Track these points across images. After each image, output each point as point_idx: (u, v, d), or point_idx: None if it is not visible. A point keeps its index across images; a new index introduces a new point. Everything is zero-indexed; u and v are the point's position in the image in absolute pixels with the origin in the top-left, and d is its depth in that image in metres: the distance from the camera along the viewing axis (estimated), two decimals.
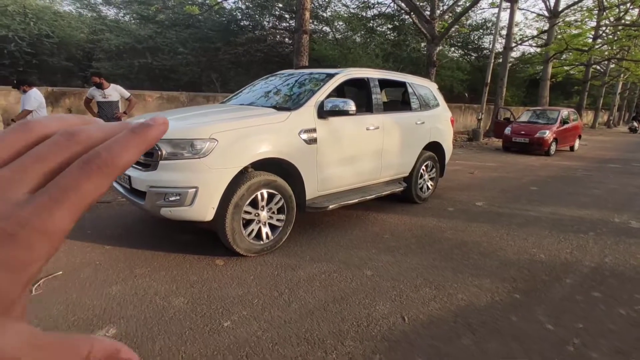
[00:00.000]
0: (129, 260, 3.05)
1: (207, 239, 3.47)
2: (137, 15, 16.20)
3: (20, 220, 0.20)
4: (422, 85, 5.09)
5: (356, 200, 3.99)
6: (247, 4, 13.78)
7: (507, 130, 11.45)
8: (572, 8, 18.20)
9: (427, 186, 5.17)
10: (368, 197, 4.15)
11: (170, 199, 2.80)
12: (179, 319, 2.28)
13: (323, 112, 3.49)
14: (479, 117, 13.82)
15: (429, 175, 5.16)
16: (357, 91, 4.90)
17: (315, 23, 17.71)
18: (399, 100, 5.20)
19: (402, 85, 4.86)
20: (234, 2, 13.97)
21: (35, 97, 5.43)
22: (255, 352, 2.01)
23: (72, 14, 18.87)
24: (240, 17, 13.76)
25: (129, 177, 2.99)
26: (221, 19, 13.25)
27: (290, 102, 3.64)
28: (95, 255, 3.13)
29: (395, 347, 2.11)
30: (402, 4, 11.46)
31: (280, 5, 14.02)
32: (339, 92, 5.27)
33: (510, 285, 2.91)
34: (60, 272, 2.81)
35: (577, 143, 12.50)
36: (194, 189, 2.77)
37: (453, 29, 17.25)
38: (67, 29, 16.30)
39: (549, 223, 4.51)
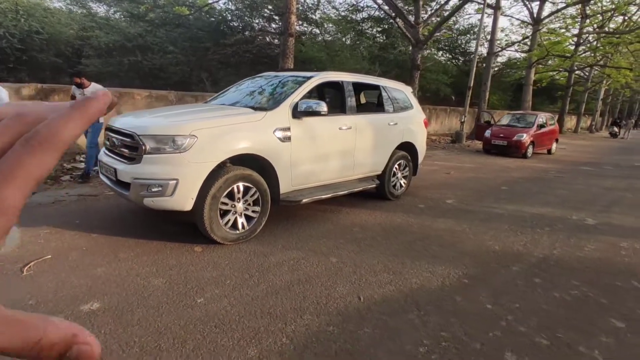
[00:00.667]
0: (113, 247, 3.29)
1: (189, 229, 3.71)
2: (127, 13, 16.31)
3: None
4: (396, 89, 5.41)
5: (329, 195, 4.28)
6: (237, 5, 14.01)
7: (487, 133, 11.87)
8: (555, 15, 18.74)
9: (400, 184, 5.49)
10: (340, 193, 4.44)
11: (153, 189, 3.06)
12: (157, 296, 2.54)
13: (297, 113, 3.78)
14: (462, 120, 14.24)
15: (402, 173, 5.48)
16: (335, 93, 5.19)
17: (304, 25, 18.02)
18: (373, 102, 5.51)
19: (376, 88, 5.17)
20: (224, 3, 14.17)
21: None
22: (223, 324, 2.28)
23: (62, 10, 18.89)
24: (230, 18, 13.99)
25: (115, 169, 3.25)
26: (211, 19, 13.47)
27: (268, 103, 3.92)
28: (83, 241, 3.37)
29: (347, 320, 2.40)
30: (387, 8, 11.79)
31: (270, 7, 14.28)
32: (320, 94, 5.57)
33: (461, 271, 3.22)
34: (49, 256, 3.04)
35: (554, 146, 12.98)
36: (175, 181, 3.03)
37: (439, 33, 17.68)
38: (57, 25, 16.33)
39: (510, 219, 4.86)
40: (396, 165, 5.28)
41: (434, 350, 2.15)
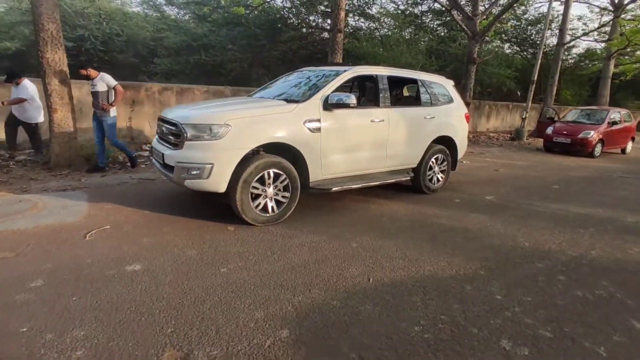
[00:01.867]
0: (160, 222, 3.76)
1: (226, 211, 4.09)
2: (194, 15, 17.51)
3: None
4: (435, 82, 5.37)
5: (360, 185, 4.43)
6: (294, 2, 14.46)
7: (549, 130, 11.12)
8: (638, 2, 16.82)
9: (437, 178, 5.46)
10: (372, 184, 4.57)
11: (192, 172, 3.45)
12: (188, 264, 2.91)
13: (328, 105, 3.97)
14: (524, 116, 13.44)
15: (440, 167, 5.45)
16: (371, 87, 5.30)
17: (361, 20, 18.02)
18: (413, 96, 5.52)
19: (414, 82, 5.19)
20: (282, 2, 14.68)
21: (29, 87, 6.05)
22: (239, 290, 2.58)
23: (140, 14, 20.76)
24: (286, 15, 14.47)
25: (163, 154, 3.70)
26: (268, 17, 14.04)
27: (300, 96, 4.16)
28: (136, 217, 3.88)
29: (352, 297, 2.57)
30: (444, 1, 11.48)
31: (326, 3, 14.53)
32: (360, 88, 5.71)
33: (480, 263, 3.23)
34: (108, 227, 3.57)
35: (629, 145, 11.80)
36: (211, 165, 3.40)
37: (500, 25, 16.73)
38: (134, 28, 18.02)
39: (551, 218, 4.65)
40: (433, 159, 5.27)
41: (429, 330, 2.26)
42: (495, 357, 2.06)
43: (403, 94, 5.96)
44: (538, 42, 23.68)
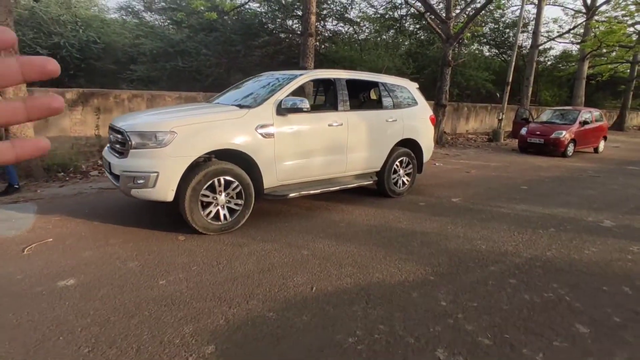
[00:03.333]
0: (108, 233, 3.63)
1: (181, 220, 3.99)
2: (171, 21, 17.36)
3: None
4: (398, 85, 5.35)
5: (319, 191, 4.37)
6: (270, 6, 14.42)
7: (523, 131, 11.24)
8: (609, 2, 17.18)
9: (403, 181, 5.43)
10: (332, 189, 4.51)
11: (138, 181, 3.34)
12: (127, 277, 2.79)
13: (282, 110, 3.91)
14: (500, 117, 13.59)
15: (405, 170, 5.42)
16: (326, 90, 5.26)
17: (340, 25, 18.07)
18: (375, 99, 5.49)
19: (375, 85, 5.16)
20: (259, 7, 14.63)
21: None
22: (173, 303, 2.47)
23: (118, 21, 20.51)
24: (262, 20, 14.43)
25: (109, 163, 3.58)
26: (244, 22, 13.97)
27: (254, 101, 4.09)
28: (84, 228, 3.75)
29: (290, 307, 2.49)
30: (418, 4, 11.55)
31: (302, 7, 14.53)
32: (321, 92, 5.66)
33: (431, 269, 3.18)
34: (50, 239, 3.43)
35: (602, 144, 11.99)
36: (156, 174, 3.29)
37: (481, 29, 16.96)
38: (112, 35, 17.77)
39: (514, 219, 4.64)
40: (397, 162, 5.24)
41: (363, 341, 2.19)
42: None
43: (366, 97, 5.94)
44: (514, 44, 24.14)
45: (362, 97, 5.58)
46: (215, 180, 3.56)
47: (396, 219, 4.43)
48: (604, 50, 20.05)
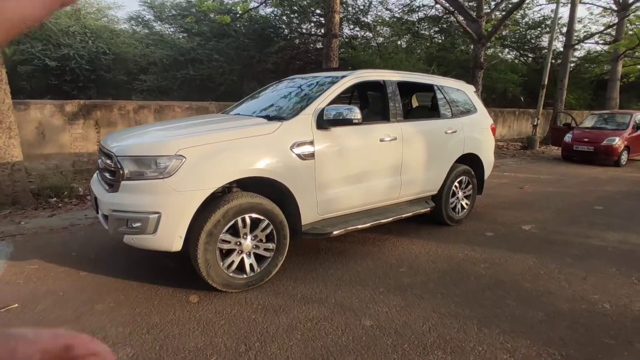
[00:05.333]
0: (95, 291, 2.69)
1: (192, 267, 3.05)
2: (181, 29, 16.74)
3: None
4: (455, 88, 4.37)
5: (368, 225, 3.39)
6: (285, 11, 13.62)
7: (568, 138, 10.13)
8: None
9: (462, 205, 4.42)
10: (384, 221, 3.53)
11: (133, 225, 2.40)
12: None
13: (324, 122, 2.96)
14: (535, 123, 12.49)
15: (464, 192, 4.41)
16: (376, 97, 4.30)
17: (356, 29, 17.23)
18: (428, 106, 4.52)
19: (429, 88, 4.18)
20: (272, 11, 13.85)
21: None
22: None
23: (127, 31, 20.01)
24: (277, 25, 13.63)
25: (96, 197, 2.66)
26: (257, 26, 13.19)
27: (287, 111, 3.15)
28: (65, 283, 2.82)
29: None
30: (446, 3, 10.62)
31: (318, 11, 13.71)
32: (361, 99, 4.70)
33: (557, 351, 2.16)
34: (17, 305, 2.50)
35: None
36: (156, 215, 2.35)
37: (504, 28, 15.94)
38: (122, 45, 17.21)
39: (618, 256, 3.60)
40: (456, 183, 4.24)
41: None
42: None
43: (411, 104, 4.98)
44: (539, 46, 23.05)
45: (410, 104, 4.61)
46: (239, 219, 2.60)
47: (468, 259, 3.42)
48: (636, 52, 18.86)
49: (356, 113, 2.91)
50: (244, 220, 2.63)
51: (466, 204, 4.47)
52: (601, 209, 5.33)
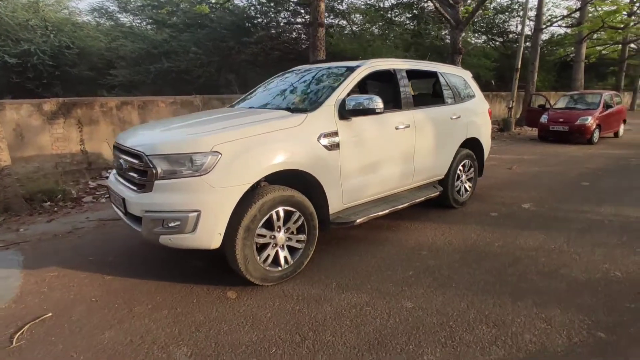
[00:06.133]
0: (129, 294, 2.64)
1: (218, 264, 3.03)
2: (151, 20, 16.11)
3: None
4: (455, 75, 4.50)
5: (387, 211, 3.47)
6: (260, 0, 13.37)
7: (544, 119, 10.58)
8: None
9: (465, 188, 4.58)
10: (400, 207, 3.62)
11: (169, 225, 2.37)
12: None
13: (345, 112, 2.99)
14: (510, 106, 12.96)
15: (467, 175, 4.57)
16: (382, 85, 4.36)
17: (331, 17, 17.13)
18: (429, 92, 4.62)
19: (433, 75, 4.28)
20: (248, 0, 13.56)
21: None
22: None
23: (91, 23, 19.03)
24: (253, 14, 13.35)
25: (123, 199, 2.59)
26: (234, 16, 12.87)
27: (307, 102, 3.15)
28: (93, 289, 2.75)
29: None
30: None
31: (294, 0, 13.53)
32: (361, 87, 4.73)
33: (587, 318, 2.32)
34: (50, 314, 2.43)
35: (621, 128, 11.48)
36: (196, 213, 2.33)
37: (488, 12, 16.31)
38: (86, 39, 16.36)
39: (617, 228, 3.85)
40: (460, 167, 4.39)
41: None
42: None
43: (426, 91, 5.05)
44: (507, 30, 23.71)
45: (421, 91, 4.69)
46: (274, 213, 2.61)
47: (481, 239, 3.58)
48: (596, 35, 19.77)
49: (378, 102, 2.96)
50: (277, 213, 2.64)
51: (469, 186, 4.63)
52: (588, 185, 5.65)
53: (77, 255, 3.35)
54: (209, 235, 2.39)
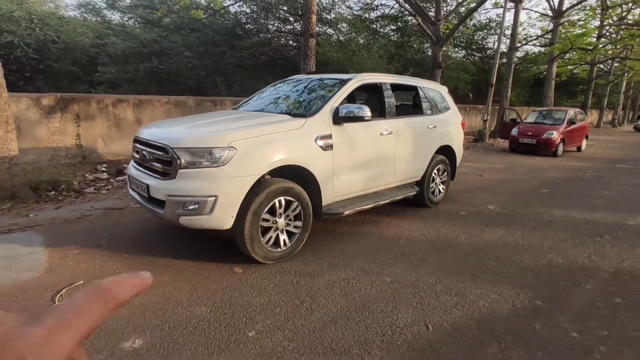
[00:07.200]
0: (147, 268, 3.02)
1: (223, 246, 3.47)
2: (142, 20, 16.27)
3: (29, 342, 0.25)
4: (433, 89, 5.09)
5: (371, 206, 3.99)
6: (252, 7, 13.80)
7: (514, 132, 11.42)
8: (575, 7, 18.12)
9: (439, 190, 5.16)
10: (382, 202, 4.15)
11: (189, 207, 2.81)
12: (203, 329, 2.28)
13: (338, 118, 3.50)
14: (485, 118, 13.79)
15: (441, 179, 5.16)
16: (369, 96, 4.90)
17: (319, 25, 17.74)
18: (410, 104, 5.19)
19: (414, 89, 4.85)
20: (239, 6, 13.98)
21: None
22: None
23: (77, 19, 18.99)
24: (245, 20, 13.78)
25: (147, 185, 3.01)
26: (226, 22, 13.27)
27: (305, 109, 3.64)
28: (114, 263, 3.14)
29: (422, 356, 2.10)
30: (407, 6, 11.45)
31: (285, 8, 14.04)
32: (351, 97, 5.25)
33: (530, 291, 2.89)
34: (82, 282, 2.82)
35: (584, 143, 12.46)
36: (214, 198, 2.78)
37: (468, 30, 17.24)
38: (72, 34, 16.37)
39: (564, 227, 4.49)
40: (435, 171, 4.96)
41: None
42: None
43: (407, 103, 5.61)
44: (485, 46, 24.95)
45: (403, 102, 5.26)
46: (276, 201, 3.09)
47: (451, 232, 4.14)
48: (563, 54, 21.14)
49: (366, 111, 3.48)
50: (279, 202, 3.11)
51: (442, 188, 5.22)
52: (547, 192, 6.35)
53: (92, 237, 3.72)
54: (224, 217, 2.84)
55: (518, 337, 2.32)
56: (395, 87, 4.52)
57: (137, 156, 3.34)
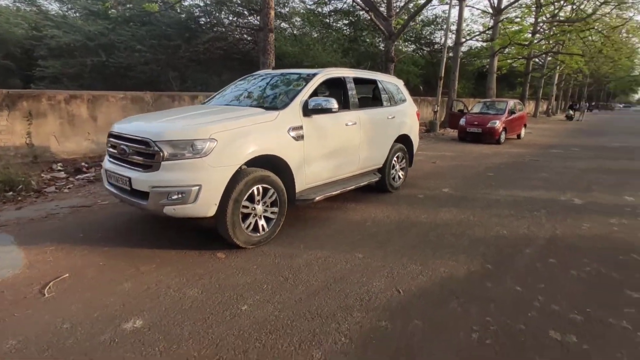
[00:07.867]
0: (131, 259, 3.15)
1: (200, 234, 3.63)
2: (84, 10, 15.42)
3: None
4: (391, 82, 5.48)
5: (339, 191, 4.30)
6: (205, 0, 13.60)
7: (462, 122, 12.26)
8: (513, 5, 19.53)
9: (399, 176, 5.59)
10: (348, 188, 4.47)
11: (173, 197, 2.95)
12: (198, 307, 2.47)
13: (308, 111, 3.75)
14: (435, 110, 14.62)
15: (400, 165, 5.58)
16: (333, 89, 5.18)
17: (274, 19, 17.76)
18: (370, 96, 5.55)
19: (373, 82, 5.21)
20: (191, 0, 13.71)
21: None
22: (276, 329, 2.26)
23: (9, 8, 17.60)
24: (198, 14, 13.54)
25: (129, 178, 3.10)
26: (179, 15, 12.97)
27: (276, 102, 3.86)
28: (96, 256, 3.20)
29: (395, 315, 2.44)
30: (360, 2, 11.85)
31: (239, 1, 13.95)
32: (320, 91, 5.52)
33: (482, 258, 3.34)
34: (67, 275, 2.88)
35: (523, 131, 13.61)
36: (197, 187, 2.94)
37: (417, 26, 17.99)
38: (4, 24, 15.21)
39: (508, 204, 5.07)
40: (395, 158, 5.37)
41: (487, 336, 2.23)
42: (554, 351, 2.12)
43: (367, 96, 5.94)
44: (433, 41, 26.17)
45: (364, 95, 5.59)
46: (255, 189, 3.30)
47: (413, 214, 4.56)
48: (502, 49, 22.77)
49: (334, 103, 3.76)
50: (257, 189, 3.33)
51: (402, 174, 5.65)
52: (492, 175, 7.02)
53: (66, 233, 3.72)
54: (207, 205, 3.01)
55: (473, 294, 2.73)
56: (357, 81, 4.84)
57: (114, 151, 3.39)
